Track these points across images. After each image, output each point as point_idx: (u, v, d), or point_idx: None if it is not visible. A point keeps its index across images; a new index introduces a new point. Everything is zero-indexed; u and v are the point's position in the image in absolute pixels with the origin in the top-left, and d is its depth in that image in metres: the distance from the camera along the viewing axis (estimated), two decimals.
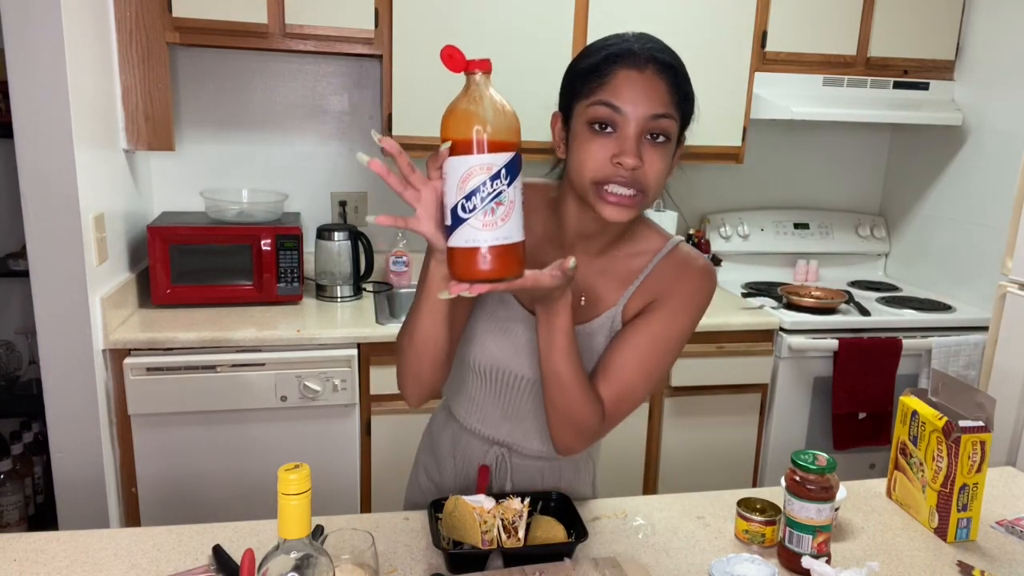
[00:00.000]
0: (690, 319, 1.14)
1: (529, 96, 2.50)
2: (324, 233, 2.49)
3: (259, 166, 2.68)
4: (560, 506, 1.22)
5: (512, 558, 1.11)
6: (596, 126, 1.00)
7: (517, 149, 0.85)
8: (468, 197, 0.82)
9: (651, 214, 2.79)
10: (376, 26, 2.32)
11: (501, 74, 2.69)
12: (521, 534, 1.10)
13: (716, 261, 2.90)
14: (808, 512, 1.11)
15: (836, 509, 1.23)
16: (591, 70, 1.01)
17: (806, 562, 1.07)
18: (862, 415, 2.57)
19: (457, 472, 1.30)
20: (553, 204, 1.15)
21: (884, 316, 2.60)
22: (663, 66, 0.99)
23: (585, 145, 1.00)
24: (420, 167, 0.93)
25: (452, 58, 0.84)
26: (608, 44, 1.02)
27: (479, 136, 0.81)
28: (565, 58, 2.45)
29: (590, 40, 2.48)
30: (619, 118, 0.98)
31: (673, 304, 1.12)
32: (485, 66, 0.83)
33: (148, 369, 2.06)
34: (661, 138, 1.00)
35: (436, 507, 1.19)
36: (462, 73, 0.85)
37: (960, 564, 1.18)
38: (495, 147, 0.81)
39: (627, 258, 1.15)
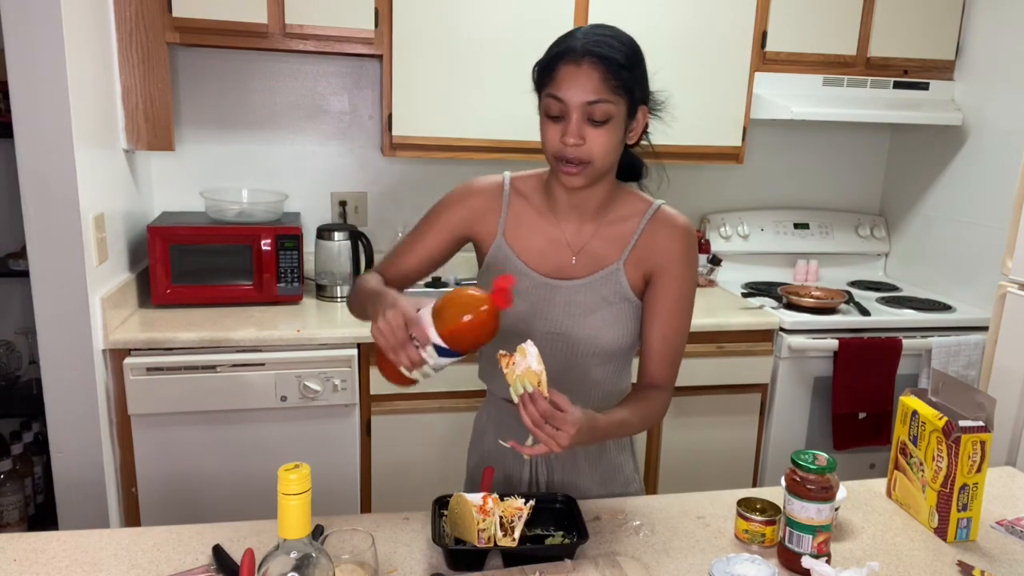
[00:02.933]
0: (694, 273, 1.32)
1: (529, 93, 2.51)
2: (324, 233, 2.49)
3: (259, 166, 2.68)
4: (565, 508, 1.23)
5: (512, 558, 1.12)
6: (549, 114, 1.19)
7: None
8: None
9: None
10: (376, 26, 2.32)
11: (501, 74, 2.70)
12: (517, 534, 1.10)
13: (716, 261, 2.90)
14: (808, 512, 1.11)
15: (836, 509, 1.23)
16: (543, 68, 1.20)
17: (806, 562, 1.07)
18: (862, 415, 2.57)
19: (500, 453, 1.39)
20: (546, 185, 1.33)
21: (884, 316, 2.60)
22: (598, 58, 1.15)
23: (544, 129, 1.21)
24: (419, 167, 0.94)
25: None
26: (559, 42, 1.20)
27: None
28: None
29: None
30: (563, 107, 1.17)
31: (676, 267, 1.29)
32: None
33: (148, 369, 2.06)
34: (601, 119, 1.17)
35: (441, 504, 1.19)
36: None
37: (960, 564, 1.18)
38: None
39: (616, 221, 1.31)
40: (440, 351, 1.10)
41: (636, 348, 1.35)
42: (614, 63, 1.16)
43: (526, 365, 1.08)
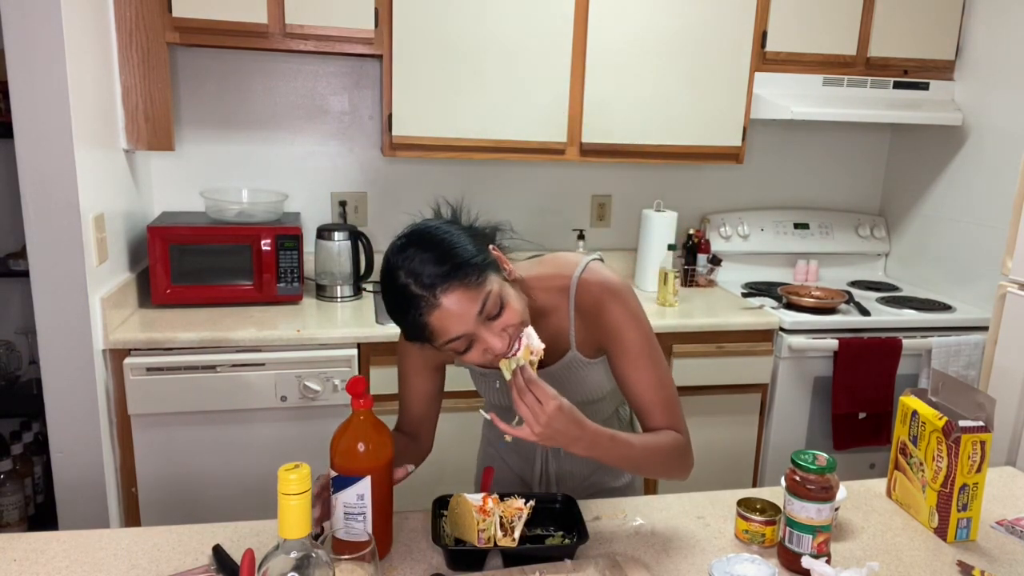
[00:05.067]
0: (640, 320, 1.25)
1: (529, 94, 2.52)
2: (324, 233, 2.49)
3: (259, 166, 2.68)
4: (565, 508, 1.23)
5: (513, 558, 1.12)
6: (459, 352, 1.12)
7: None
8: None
9: (650, 215, 2.79)
10: (376, 26, 2.32)
11: (500, 74, 2.69)
12: (517, 534, 1.10)
13: (716, 261, 2.90)
14: (808, 512, 1.11)
15: (836, 509, 1.23)
16: (416, 334, 1.11)
17: (806, 562, 1.07)
18: (862, 415, 2.57)
19: (514, 455, 1.45)
20: None
21: (884, 316, 2.60)
22: (444, 281, 1.06)
23: (467, 359, 1.13)
24: (419, 167, 0.94)
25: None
26: (398, 302, 1.10)
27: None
28: (566, 54, 2.46)
29: (590, 40, 2.49)
30: (466, 339, 1.10)
31: (618, 331, 1.24)
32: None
33: (148, 369, 2.06)
34: (496, 308, 1.10)
35: (441, 504, 1.20)
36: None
37: (960, 564, 1.18)
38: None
39: (548, 312, 1.26)
40: (335, 483, 1.09)
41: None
42: (455, 270, 1.07)
43: (525, 343, 1.10)
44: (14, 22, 1.79)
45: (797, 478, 1.13)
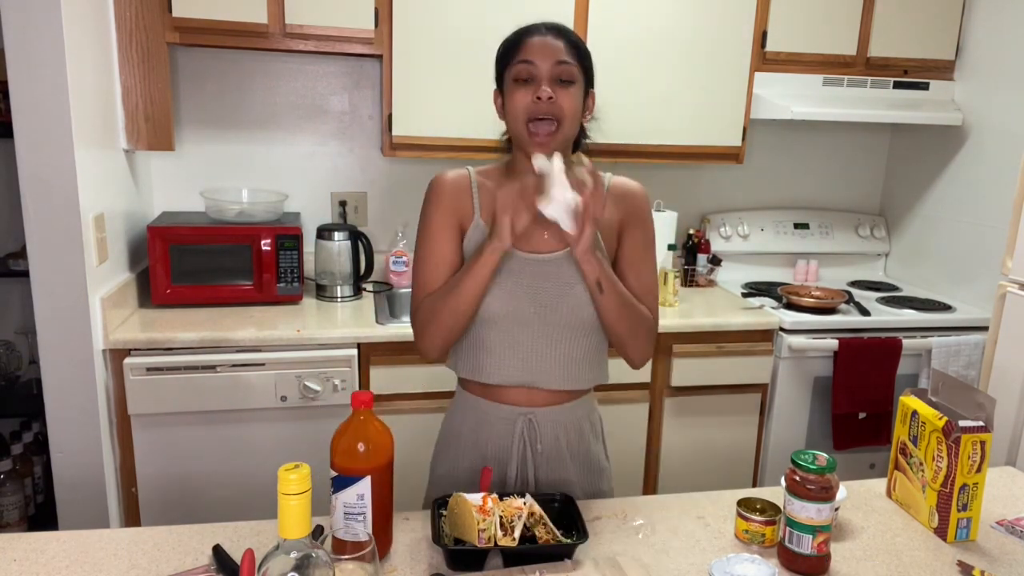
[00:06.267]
0: (651, 222, 1.43)
1: None
2: (324, 233, 2.49)
3: (259, 166, 2.68)
4: (563, 507, 1.23)
5: (512, 558, 1.12)
6: (519, 78, 1.30)
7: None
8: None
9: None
10: (376, 26, 2.32)
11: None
12: (517, 534, 1.10)
13: (716, 261, 2.90)
14: (808, 512, 1.12)
15: (836, 509, 1.23)
16: (511, 44, 1.33)
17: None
18: (862, 415, 2.57)
19: (479, 454, 1.41)
20: (507, 169, 1.40)
21: (884, 316, 2.60)
22: (560, 31, 1.32)
23: (514, 95, 1.30)
24: (419, 167, 0.94)
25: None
26: (522, 26, 1.35)
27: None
28: None
29: (590, 40, 2.49)
30: (534, 69, 1.28)
31: (641, 222, 1.41)
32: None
33: (148, 369, 2.06)
34: (567, 80, 1.29)
35: (441, 504, 1.20)
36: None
37: (960, 564, 1.18)
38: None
39: (578, 181, 1.33)
40: (335, 483, 1.08)
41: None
42: (573, 37, 1.33)
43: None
44: (14, 22, 1.79)
45: (797, 478, 1.13)
